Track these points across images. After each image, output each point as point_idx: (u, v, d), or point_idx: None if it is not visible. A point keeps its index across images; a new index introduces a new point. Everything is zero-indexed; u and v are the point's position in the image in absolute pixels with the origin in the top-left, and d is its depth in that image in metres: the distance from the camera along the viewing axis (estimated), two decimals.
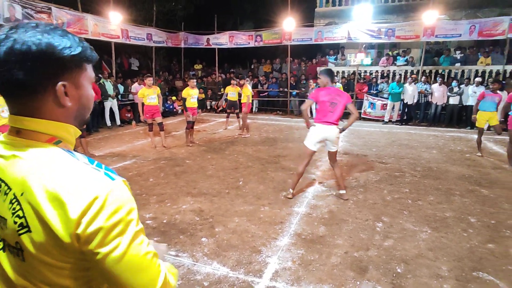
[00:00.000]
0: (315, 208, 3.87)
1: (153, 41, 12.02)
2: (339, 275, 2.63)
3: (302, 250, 2.99)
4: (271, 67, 13.95)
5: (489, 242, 3.13)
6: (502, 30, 10.02)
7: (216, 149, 6.70)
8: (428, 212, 3.79)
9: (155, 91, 6.49)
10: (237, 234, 3.27)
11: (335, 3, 13.61)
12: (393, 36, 10.99)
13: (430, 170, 5.43)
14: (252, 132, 8.56)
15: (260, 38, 12.24)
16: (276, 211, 3.78)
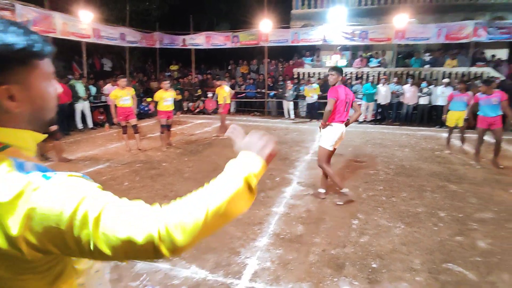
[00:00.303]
0: (293, 208, 3.90)
1: (127, 41, 11.71)
2: (317, 273, 2.66)
3: (281, 249, 3.00)
4: (248, 68, 13.98)
5: (457, 235, 3.27)
6: (466, 33, 10.59)
7: (194, 151, 6.61)
8: (401, 208, 3.92)
9: (129, 92, 6.31)
10: (215, 236, 3.22)
11: (310, 5, 13.86)
12: (366, 39, 11.33)
13: (403, 167, 5.62)
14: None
15: (237, 39, 12.24)
16: (255, 212, 3.77)
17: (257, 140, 0.83)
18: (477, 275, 2.63)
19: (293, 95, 11.42)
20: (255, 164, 0.77)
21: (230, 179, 0.71)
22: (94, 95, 9.96)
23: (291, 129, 9.42)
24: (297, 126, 10.19)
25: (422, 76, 11.61)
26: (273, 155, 0.82)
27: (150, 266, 2.73)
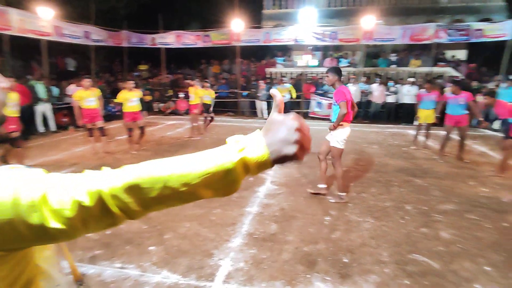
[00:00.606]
0: (267, 207, 3.90)
1: (92, 40, 11.21)
2: (290, 271, 2.67)
3: (254, 249, 2.99)
4: (221, 67, 13.88)
5: (422, 226, 3.42)
6: (429, 35, 11.17)
7: (165, 153, 6.44)
8: (370, 203, 4.04)
9: (94, 93, 6.03)
10: (187, 239, 3.17)
11: (281, 6, 14.00)
12: (336, 39, 11.63)
13: (372, 164, 5.81)
14: (203, 134, 8.41)
15: (208, 39, 12.11)
16: (228, 213, 3.74)
17: (285, 130, 0.60)
18: (440, 264, 2.76)
19: (266, 95, 11.48)
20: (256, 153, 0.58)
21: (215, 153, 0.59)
22: (56, 96, 9.43)
23: None
24: None
25: (389, 76, 12.10)
26: (293, 158, 0.59)
27: (119, 273, 2.63)
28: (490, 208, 3.91)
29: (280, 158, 0.59)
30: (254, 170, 0.59)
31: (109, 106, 10.64)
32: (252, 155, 0.58)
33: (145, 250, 2.98)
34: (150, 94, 11.83)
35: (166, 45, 12.72)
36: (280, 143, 0.59)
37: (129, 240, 3.13)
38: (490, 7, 12.87)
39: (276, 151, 0.58)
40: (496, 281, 2.54)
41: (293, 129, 0.59)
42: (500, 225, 3.48)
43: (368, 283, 2.52)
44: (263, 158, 0.58)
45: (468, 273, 2.64)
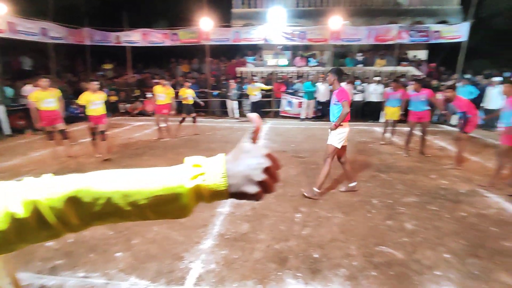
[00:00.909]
0: (239, 207, 3.88)
1: (50, 37, 10.56)
2: (261, 269, 2.67)
3: (226, 250, 2.96)
4: (190, 67, 13.64)
5: (387, 219, 3.56)
6: (392, 36, 11.69)
7: (132, 156, 6.21)
8: (339, 199, 4.14)
9: (53, 94, 5.67)
10: (156, 243, 3.07)
11: (250, 5, 14.02)
12: (305, 39, 11.84)
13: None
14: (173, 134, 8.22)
15: (176, 37, 11.85)
16: (199, 214, 3.67)
17: (252, 166, 0.53)
18: (404, 254, 2.89)
19: (237, 94, 11.45)
20: (213, 182, 0.53)
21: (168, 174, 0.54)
22: (11, 97, 8.79)
23: (236, 129, 9.43)
24: (241, 125, 10.23)
25: (356, 75, 12.52)
26: (252, 197, 0.54)
27: (83, 282, 2.49)
28: (448, 199, 4.16)
29: (238, 193, 0.53)
30: (208, 199, 0.54)
31: (72, 107, 10.11)
32: (208, 183, 0.53)
33: (111, 257, 2.85)
34: (115, 94, 11.38)
35: (131, 43, 12.28)
36: (243, 179, 0.53)
37: (93, 248, 2.99)
38: (447, 10, 13.71)
39: (236, 185, 0.53)
40: (455, 268, 2.69)
41: (261, 168, 0.53)
42: (458, 214, 3.70)
43: (337, 277, 2.57)
44: (220, 188, 0.53)
45: (430, 261, 2.78)
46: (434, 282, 2.50)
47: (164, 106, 7.62)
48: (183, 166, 0.55)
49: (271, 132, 8.87)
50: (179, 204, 0.53)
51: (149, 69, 14.01)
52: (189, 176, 0.53)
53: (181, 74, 13.34)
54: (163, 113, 7.65)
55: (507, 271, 2.65)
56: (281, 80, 12.29)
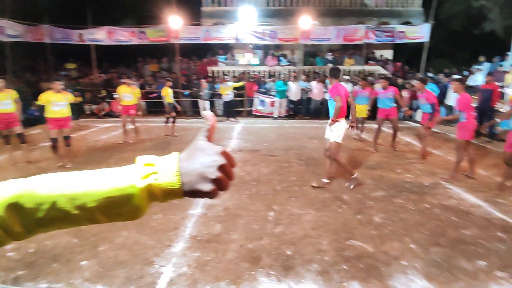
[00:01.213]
0: (211, 208, 3.83)
1: (6, 35, 9.87)
2: (234, 269, 2.65)
3: (198, 252, 2.91)
4: (159, 66, 13.29)
5: (357, 213, 3.67)
6: (360, 36, 12.06)
7: (99, 159, 5.94)
8: (311, 196, 4.21)
9: (9, 95, 5.28)
10: (125, 249, 2.96)
11: (220, 3, 13.90)
12: (276, 38, 11.92)
13: (313, 158, 6.07)
14: (142, 136, 7.97)
15: (144, 35, 11.49)
16: (170, 217, 3.59)
17: (207, 163, 0.52)
18: (373, 246, 2.98)
19: (209, 94, 11.32)
20: (166, 181, 0.51)
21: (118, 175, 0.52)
22: None
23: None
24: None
25: (327, 74, 12.79)
26: (206, 195, 0.52)
27: None
28: (413, 192, 4.36)
29: (192, 191, 0.52)
30: (161, 198, 0.53)
31: (31, 109, 9.50)
32: (161, 182, 0.51)
33: (75, 266, 2.71)
34: (80, 95, 10.84)
35: (96, 41, 11.73)
36: (197, 176, 0.52)
37: (56, 257, 2.83)
38: (410, 12, 14.36)
39: (190, 183, 0.52)
40: (419, 257, 2.82)
41: (216, 165, 0.52)
42: (422, 206, 3.89)
43: (309, 273, 2.61)
44: (173, 187, 0.51)
45: (397, 252, 2.89)
46: (401, 272, 2.60)
47: (131, 107, 7.28)
48: (134, 166, 0.54)
49: (244, 132, 8.86)
50: (131, 205, 0.51)
51: (116, 69, 13.49)
52: (140, 176, 0.51)
53: (149, 73, 12.97)
54: (130, 114, 7.31)
55: (466, 257, 2.81)
56: (253, 79, 12.30)
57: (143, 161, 0.54)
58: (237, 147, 6.91)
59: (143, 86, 12.04)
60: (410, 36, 12.19)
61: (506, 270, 2.62)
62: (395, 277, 2.54)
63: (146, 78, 12.41)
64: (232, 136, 8.14)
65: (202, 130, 0.57)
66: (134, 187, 0.50)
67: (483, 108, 7.83)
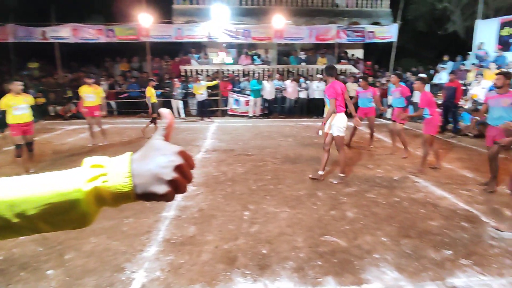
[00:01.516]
0: (185, 210, 3.75)
1: None
2: (209, 271, 2.60)
3: (172, 255, 2.83)
4: (129, 65, 12.86)
5: (331, 209, 3.73)
6: (331, 35, 12.31)
7: (65, 163, 5.65)
8: (286, 194, 4.23)
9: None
10: (94, 256, 2.83)
11: (192, 1, 13.68)
12: (249, 37, 11.90)
13: (288, 156, 6.12)
14: (113, 138, 7.69)
15: (112, 33, 11.05)
16: (142, 221, 3.47)
17: (162, 163, 0.48)
18: (347, 241, 3.04)
19: (182, 94, 11.12)
20: (115, 184, 0.48)
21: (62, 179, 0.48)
22: None
23: (182, 129, 9.14)
24: (188, 125, 9.96)
25: (300, 73, 12.96)
26: (161, 198, 0.49)
27: None
28: (384, 186, 4.50)
29: (146, 194, 0.48)
30: (112, 202, 0.48)
31: None
32: (110, 184, 0.47)
33: (42, 275, 2.58)
34: (44, 96, 10.27)
35: (60, 39, 11.13)
36: (151, 178, 0.48)
37: (24, 265, 2.69)
38: (379, 12, 14.85)
39: (144, 185, 0.48)
40: (390, 249, 2.91)
41: (172, 165, 0.48)
42: (392, 200, 4.02)
43: (285, 270, 2.61)
44: (124, 190, 0.47)
45: (369, 245, 2.96)
46: (373, 265, 2.67)
47: (95, 108, 6.85)
48: (80, 168, 0.49)
49: (218, 131, 8.78)
50: (77, 211, 0.46)
51: (84, 68, 12.90)
52: (86, 178, 0.47)
53: (119, 73, 12.53)
54: (95, 115, 6.88)
55: (434, 247, 2.93)
56: (227, 78, 12.22)
57: (91, 162, 0.49)
58: (212, 147, 6.82)
59: (113, 86, 11.62)
60: (379, 36, 12.61)
61: (470, 258, 2.76)
62: (368, 270, 2.60)
63: (116, 77, 11.97)
64: (206, 136, 8.03)
65: (159, 129, 0.53)
66: (80, 191, 0.46)
67: (447, 104, 8.25)
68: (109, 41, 11.13)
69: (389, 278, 2.50)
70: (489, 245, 2.97)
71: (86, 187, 0.46)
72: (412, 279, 2.48)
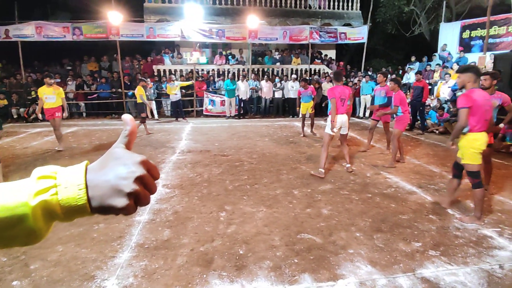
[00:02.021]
0: (159, 213, 3.65)
1: None
2: (185, 275, 2.54)
3: (145, 260, 2.74)
4: (98, 65, 12.37)
5: (307, 207, 3.77)
6: (305, 36, 12.49)
7: (28, 168, 5.33)
8: (263, 193, 4.23)
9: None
10: (61, 265, 2.68)
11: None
12: (223, 37, 11.82)
13: (264, 156, 6.13)
14: (81, 140, 7.36)
15: (79, 31, 10.57)
16: (113, 226, 3.34)
17: (122, 174, 0.45)
18: (322, 238, 3.08)
19: (155, 94, 10.86)
20: (68, 196, 0.44)
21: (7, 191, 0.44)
22: None
23: (156, 130, 8.92)
24: (162, 126, 9.73)
25: (275, 73, 13.05)
26: (119, 211, 0.45)
27: None
28: (357, 183, 4.62)
29: (102, 207, 0.45)
30: (63, 217, 0.45)
31: None
32: (61, 197, 0.43)
33: (7, 286, 2.42)
34: (5, 98, 9.65)
35: (23, 37, 10.49)
36: (109, 190, 0.44)
37: None
38: (350, 14, 15.23)
39: (100, 197, 0.44)
40: (364, 244, 2.98)
41: (133, 176, 0.45)
42: (365, 196, 4.13)
43: (262, 270, 2.60)
44: (77, 203, 0.44)
45: (344, 241, 3.02)
46: (348, 260, 2.72)
47: (56, 109, 6.36)
48: (29, 179, 0.45)
49: (194, 132, 8.65)
50: (24, 227, 0.43)
51: (49, 68, 12.25)
52: (34, 191, 0.43)
53: (88, 73, 12.01)
54: (56, 117, 6.37)
55: (404, 240, 3.05)
56: (202, 78, 12.08)
57: (39, 173, 0.45)
58: (187, 148, 6.71)
59: (81, 86, 11.13)
60: (351, 37, 12.97)
61: (437, 249, 2.89)
62: (342, 266, 2.65)
63: (85, 77, 11.47)
64: (181, 137, 7.89)
65: (120, 136, 0.49)
66: (26, 205, 0.42)
67: (415, 103, 8.61)
68: (76, 39, 10.63)
69: (363, 272, 2.56)
70: (455, 236, 3.13)
71: (33, 202, 0.43)
72: (385, 272, 2.56)
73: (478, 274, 2.54)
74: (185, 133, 8.51)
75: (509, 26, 10.54)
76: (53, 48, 11.76)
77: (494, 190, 4.30)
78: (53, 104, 6.35)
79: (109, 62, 12.42)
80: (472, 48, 11.87)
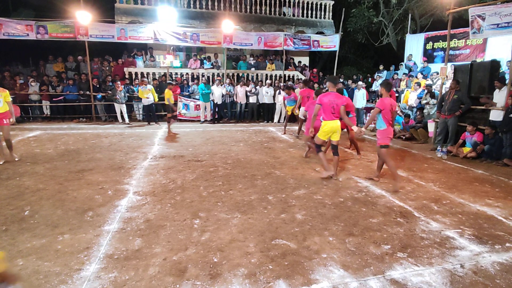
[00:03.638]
0: (130, 221, 3.52)
1: None
2: (157, 285, 2.46)
3: (115, 272, 2.62)
4: (64, 66, 11.80)
5: (281, 213, 3.80)
6: (279, 42, 12.68)
7: None
8: (238, 199, 4.21)
9: None
10: (22, 281, 2.49)
11: (137, 1, 13.08)
12: (198, 41, 11.73)
13: (239, 161, 6.12)
14: (45, 145, 6.96)
15: (44, 30, 10.03)
16: (80, 237, 3.17)
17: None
18: (296, 243, 3.11)
19: (125, 97, 10.53)
20: None
21: None
22: None
23: (127, 135, 8.64)
24: (133, 130, 9.44)
25: (250, 78, 13.11)
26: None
27: None
28: (330, 187, 4.72)
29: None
30: None
31: None
32: None
33: None
34: None
35: None
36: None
37: None
38: (322, 23, 15.68)
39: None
40: (336, 248, 3.04)
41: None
42: (337, 200, 4.23)
43: (236, 277, 2.58)
44: None
45: (317, 246, 3.07)
46: (321, 265, 2.77)
47: (3, 115, 5.63)
48: None
49: (167, 137, 8.46)
50: None
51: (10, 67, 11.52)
52: None
53: (53, 73, 11.42)
54: (4, 124, 5.67)
55: (374, 243, 3.14)
56: (176, 82, 11.88)
57: None
58: (160, 154, 6.55)
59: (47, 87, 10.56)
60: (324, 45, 13.34)
61: (405, 251, 3.01)
62: (316, 270, 2.68)
63: (50, 78, 10.89)
64: (154, 142, 7.69)
65: None
66: None
67: None
68: (40, 38, 10.07)
69: (336, 276, 2.61)
70: (421, 238, 3.28)
71: None
72: (356, 275, 2.62)
73: (442, 274, 2.68)
74: (158, 138, 8.31)
75: (467, 39, 11.34)
76: (15, 47, 11.09)
77: (448, 191, 4.57)
78: None
79: (75, 63, 11.88)
80: (435, 58, 12.64)
